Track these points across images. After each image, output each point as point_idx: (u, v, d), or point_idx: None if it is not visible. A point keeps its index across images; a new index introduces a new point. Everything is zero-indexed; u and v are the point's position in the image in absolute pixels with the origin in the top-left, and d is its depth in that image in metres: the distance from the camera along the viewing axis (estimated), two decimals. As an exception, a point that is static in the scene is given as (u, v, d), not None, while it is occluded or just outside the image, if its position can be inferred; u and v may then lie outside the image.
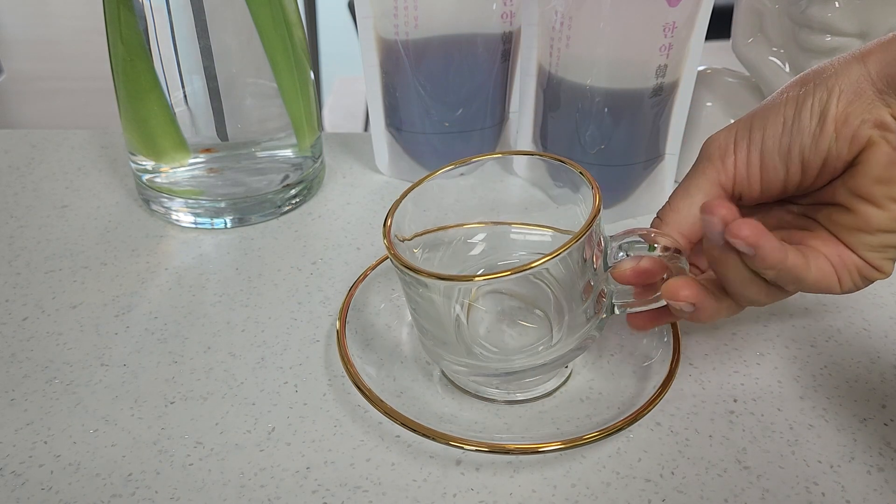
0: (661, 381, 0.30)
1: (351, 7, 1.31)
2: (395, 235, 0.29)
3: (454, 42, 0.42)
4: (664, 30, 0.36)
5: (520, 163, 0.43)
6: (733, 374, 0.33)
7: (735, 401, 0.31)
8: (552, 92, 0.40)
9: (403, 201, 0.30)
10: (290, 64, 0.41)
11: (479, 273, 0.32)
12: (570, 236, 0.26)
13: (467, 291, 0.31)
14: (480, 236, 0.34)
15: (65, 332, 0.35)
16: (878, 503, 0.27)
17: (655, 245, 0.27)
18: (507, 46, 0.43)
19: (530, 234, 0.33)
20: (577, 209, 0.30)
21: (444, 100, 0.43)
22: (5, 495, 0.27)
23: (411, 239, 0.31)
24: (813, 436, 0.30)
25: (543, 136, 0.43)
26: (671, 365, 0.31)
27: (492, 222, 0.34)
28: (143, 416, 0.30)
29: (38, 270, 0.39)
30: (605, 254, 0.28)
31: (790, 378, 0.33)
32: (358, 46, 0.43)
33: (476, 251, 0.34)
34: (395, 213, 0.29)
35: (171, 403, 0.31)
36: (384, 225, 0.29)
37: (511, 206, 0.35)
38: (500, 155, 0.32)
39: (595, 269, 0.28)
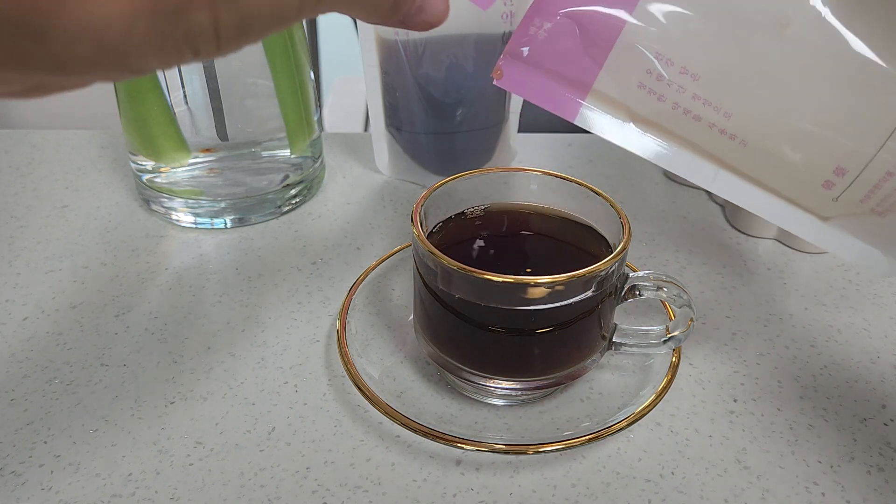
0: (661, 381, 0.30)
1: (351, 7, 1.30)
2: (421, 224, 0.29)
3: (454, 42, 0.42)
4: None
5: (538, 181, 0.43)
6: (733, 374, 0.33)
7: (735, 401, 0.31)
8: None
9: (433, 194, 0.30)
10: (290, 64, 0.41)
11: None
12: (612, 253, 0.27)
13: None
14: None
15: (65, 332, 0.35)
16: (878, 503, 0.27)
17: (664, 289, 0.29)
18: (507, 46, 0.43)
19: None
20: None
21: (444, 100, 0.43)
22: (5, 495, 0.27)
23: (435, 230, 0.31)
24: (813, 436, 0.30)
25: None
26: (671, 365, 0.31)
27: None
28: (143, 416, 0.30)
29: (38, 270, 0.39)
30: (621, 288, 0.29)
31: (790, 378, 0.33)
32: (358, 46, 0.43)
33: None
34: (425, 203, 0.30)
35: (171, 403, 0.31)
36: (414, 213, 0.29)
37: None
38: (520, 171, 0.32)
39: (609, 300, 0.28)
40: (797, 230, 0.28)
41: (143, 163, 0.42)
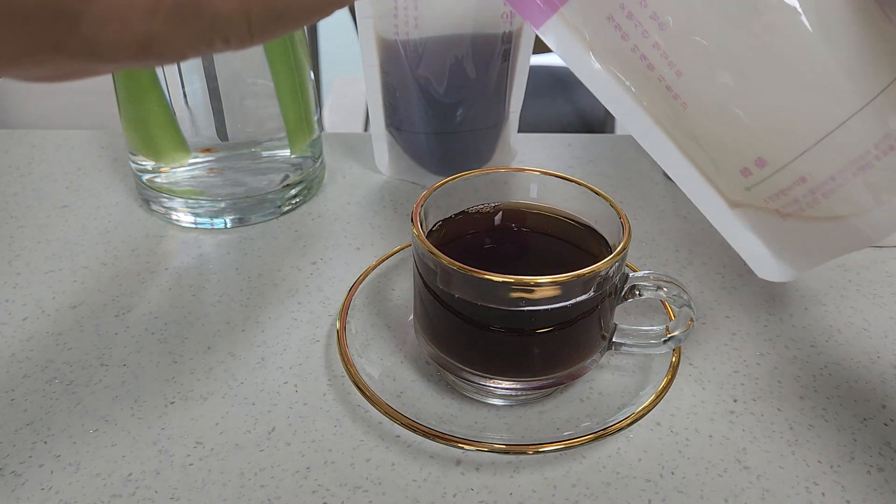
0: (661, 381, 0.30)
1: (351, 7, 1.30)
2: (421, 224, 0.29)
3: (454, 42, 0.42)
4: None
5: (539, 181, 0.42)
6: (733, 374, 0.33)
7: (735, 401, 0.31)
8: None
9: (433, 194, 0.30)
10: (290, 64, 0.41)
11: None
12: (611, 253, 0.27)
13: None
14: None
15: (65, 332, 0.35)
16: (878, 503, 0.27)
17: (664, 289, 0.29)
18: (507, 46, 0.43)
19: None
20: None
21: (444, 100, 0.43)
22: (5, 495, 0.27)
23: (434, 230, 0.31)
24: (813, 436, 0.30)
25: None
26: (671, 365, 0.31)
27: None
28: (143, 416, 0.30)
29: (38, 270, 0.39)
30: (621, 288, 0.29)
31: (790, 378, 0.33)
32: (358, 46, 0.43)
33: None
34: (425, 203, 0.30)
35: (171, 403, 0.31)
36: (414, 213, 0.29)
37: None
38: (521, 171, 0.32)
39: (609, 300, 0.28)
40: (704, 208, 0.28)
41: (143, 163, 0.42)
